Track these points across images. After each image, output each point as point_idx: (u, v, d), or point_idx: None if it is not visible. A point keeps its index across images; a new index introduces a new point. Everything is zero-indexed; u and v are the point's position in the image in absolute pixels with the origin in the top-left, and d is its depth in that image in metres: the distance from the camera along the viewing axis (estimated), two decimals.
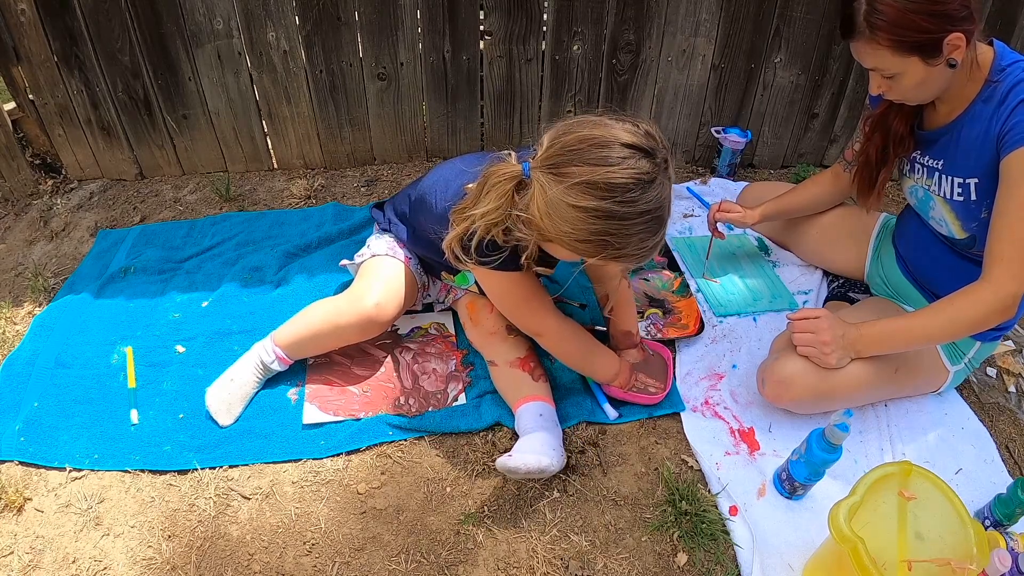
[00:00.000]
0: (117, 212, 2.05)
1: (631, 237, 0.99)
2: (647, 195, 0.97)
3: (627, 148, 0.97)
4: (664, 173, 0.99)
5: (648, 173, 0.97)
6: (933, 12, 1.06)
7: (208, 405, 1.36)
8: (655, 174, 0.98)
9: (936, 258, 1.38)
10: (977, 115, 1.18)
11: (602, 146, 0.97)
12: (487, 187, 1.07)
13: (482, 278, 1.29)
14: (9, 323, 1.65)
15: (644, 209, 0.97)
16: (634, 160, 0.96)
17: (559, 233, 1.01)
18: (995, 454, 1.37)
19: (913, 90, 1.17)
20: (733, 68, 2.08)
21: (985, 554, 0.97)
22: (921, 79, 1.14)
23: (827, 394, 1.31)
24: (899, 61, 1.12)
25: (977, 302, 1.16)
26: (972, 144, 1.19)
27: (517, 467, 1.17)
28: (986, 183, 1.18)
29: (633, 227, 0.98)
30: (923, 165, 1.31)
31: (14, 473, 1.30)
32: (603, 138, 0.98)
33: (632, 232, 0.99)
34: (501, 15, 1.95)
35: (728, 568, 1.17)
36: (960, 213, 1.25)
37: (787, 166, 2.32)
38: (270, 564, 1.17)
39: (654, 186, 0.98)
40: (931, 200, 1.31)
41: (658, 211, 1.00)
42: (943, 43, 1.08)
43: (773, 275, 1.79)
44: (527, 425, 1.28)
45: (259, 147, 2.17)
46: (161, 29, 1.88)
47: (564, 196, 0.97)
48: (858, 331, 1.27)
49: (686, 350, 1.57)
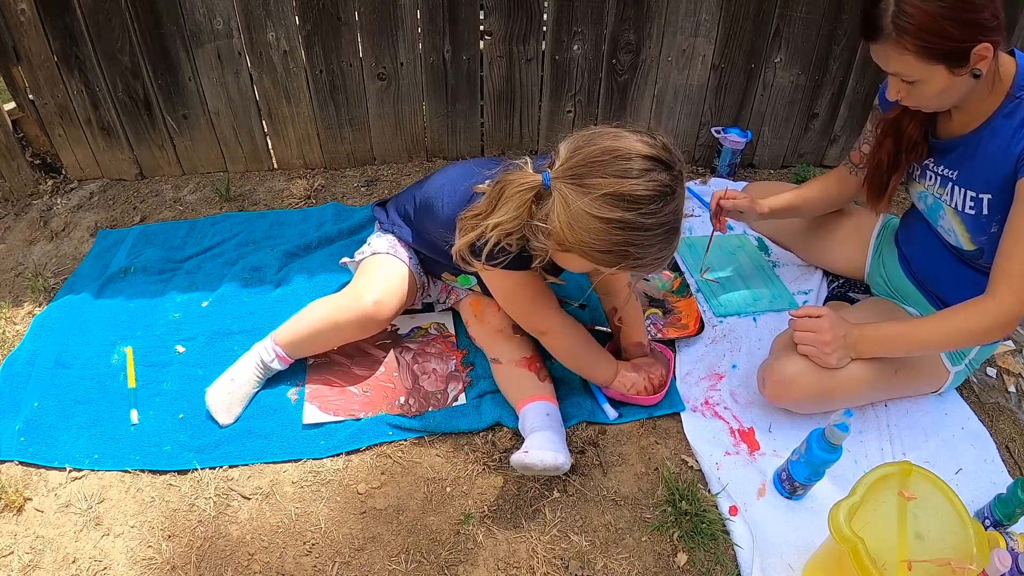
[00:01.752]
0: (117, 212, 2.05)
1: (651, 247, 1.01)
2: (667, 207, 0.99)
3: (647, 160, 0.98)
4: (681, 185, 1.02)
5: (668, 185, 0.99)
6: (965, 20, 1.02)
7: (208, 405, 1.36)
8: (674, 186, 1.00)
9: (942, 264, 1.36)
10: (997, 130, 1.14)
11: (624, 158, 0.98)
12: (505, 196, 1.06)
13: (489, 278, 1.29)
14: (9, 323, 1.65)
15: (664, 220, 1.00)
16: (655, 172, 0.98)
17: (580, 244, 1.01)
18: (995, 454, 1.37)
19: (934, 98, 1.14)
20: (733, 68, 2.08)
21: (985, 554, 0.97)
22: (944, 88, 1.10)
23: (827, 394, 1.31)
24: (924, 68, 1.07)
25: (980, 316, 1.15)
26: (989, 160, 1.16)
27: (534, 463, 1.17)
28: (1000, 199, 1.16)
29: (654, 238, 1.00)
30: (935, 173, 1.28)
31: (14, 473, 1.30)
32: (625, 150, 0.99)
33: (652, 243, 1.01)
34: (501, 15, 1.95)
35: (728, 568, 1.17)
36: (970, 226, 1.24)
37: (787, 166, 2.32)
38: (270, 564, 1.17)
39: (674, 198, 1.00)
40: (941, 209, 1.29)
41: (676, 222, 1.02)
42: (971, 52, 1.04)
43: (773, 275, 1.79)
44: (534, 424, 1.28)
45: (259, 147, 2.17)
46: (161, 29, 1.88)
47: (587, 207, 0.98)
48: (860, 332, 1.27)
49: (686, 350, 1.57)
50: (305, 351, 1.45)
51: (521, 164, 1.08)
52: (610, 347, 1.48)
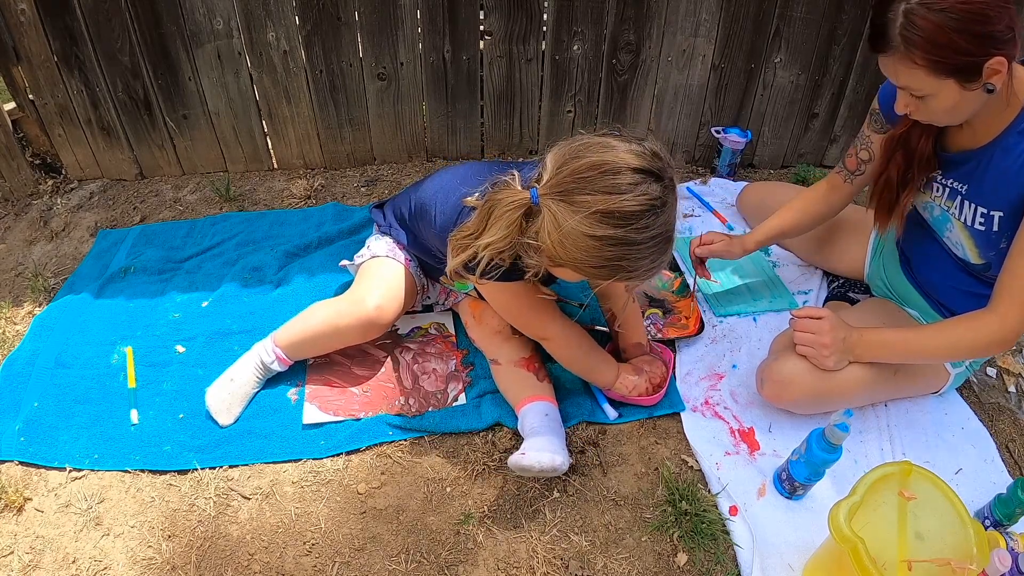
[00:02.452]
0: (117, 212, 2.04)
1: (643, 259, 1.00)
2: (659, 219, 0.98)
3: (637, 173, 0.96)
4: (672, 194, 1.00)
5: (659, 198, 0.97)
6: (976, 33, 0.96)
7: (208, 405, 1.36)
8: (665, 197, 0.98)
9: (946, 272, 1.33)
10: (1011, 147, 1.09)
11: (614, 173, 0.96)
12: (494, 216, 1.04)
13: (486, 292, 1.29)
14: (9, 323, 1.65)
15: (656, 233, 0.98)
16: (646, 186, 0.96)
17: (571, 260, 1.00)
18: (995, 454, 1.37)
19: (944, 114, 1.08)
20: (733, 68, 2.08)
21: (985, 554, 0.97)
22: (954, 103, 1.05)
23: (827, 394, 1.30)
24: (934, 83, 1.02)
25: (981, 330, 1.15)
26: (1002, 177, 1.11)
27: (531, 465, 1.17)
28: (1011, 217, 1.12)
29: (646, 250, 0.99)
30: (944, 185, 1.24)
31: (14, 473, 1.30)
32: (613, 164, 0.97)
33: (645, 255, 0.99)
34: (501, 15, 1.95)
35: (728, 568, 1.17)
36: (979, 241, 1.21)
37: (787, 166, 2.32)
38: (270, 564, 1.17)
39: (665, 209, 0.98)
40: (948, 222, 1.26)
41: (668, 232, 1.01)
42: (984, 66, 0.98)
43: (773, 275, 1.78)
44: (533, 424, 1.28)
45: (259, 147, 2.17)
46: (161, 29, 1.88)
47: (578, 226, 0.96)
48: (859, 336, 1.26)
49: (686, 350, 1.57)
50: (306, 353, 1.46)
51: (509, 179, 1.05)
52: (610, 348, 1.48)
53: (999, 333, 1.13)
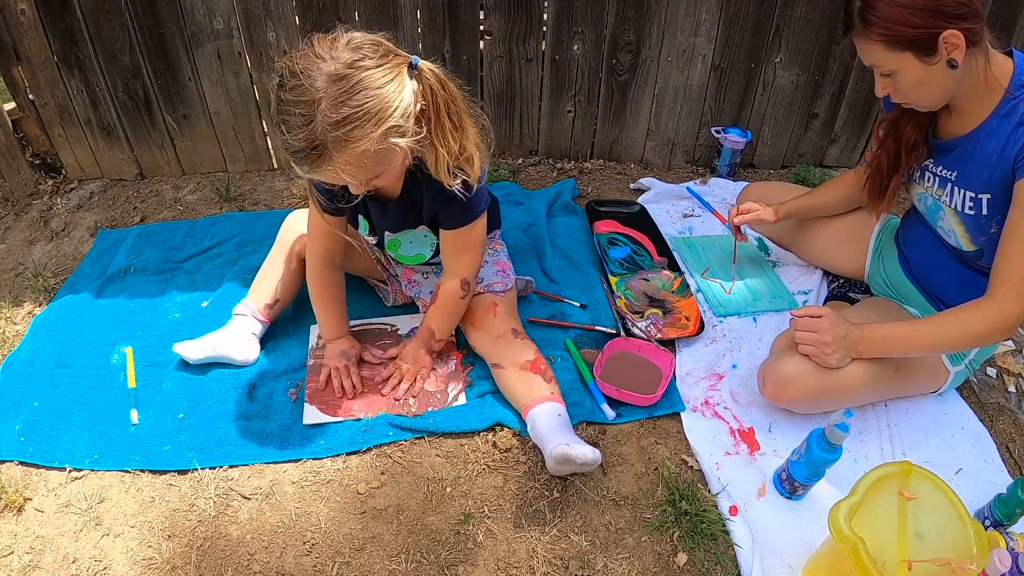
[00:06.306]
0: (117, 212, 2.05)
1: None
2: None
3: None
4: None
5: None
6: (924, 7, 1.05)
7: (176, 349, 1.44)
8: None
9: (942, 265, 1.36)
10: (994, 130, 1.15)
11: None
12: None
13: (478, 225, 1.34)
14: (9, 323, 1.65)
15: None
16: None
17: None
18: (995, 454, 1.37)
19: (913, 91, 1.15)
20: (733, 68, 2.08)
21: (985, 554, 0.96)
22: (919, 78, 1.12)
23: (827, 394, 1.31)
24: (893, 57, 1.10)
25: (981, 319, 1.15)
26: (987, 160, 1.16)
27: (576, 456, 1.18)
28: (999, 199, 1.16)
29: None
30: (935, 174, 1.29)
31: (14, 473, 1.30)
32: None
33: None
34: (501, 15, 1.95)
35: (728, 568, 1.17)
36: (970, 226, 1.24)
37: (787, 166, 2.32)
38: (270, 564, 1.17)
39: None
40: (941, 210, 1.29)
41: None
42: (938, 40, 1.06)
43: (773, 275, 1.78)
44: (550, 424, 1.27)
45: (259, 147, 2.17)
46: (161, 29, 1.88)
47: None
48: (860, 332, 1.27)
49: (686, 350, 1.57)
50: (267, 290, 1.54)
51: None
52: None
53: (999, 319, 1.14)
